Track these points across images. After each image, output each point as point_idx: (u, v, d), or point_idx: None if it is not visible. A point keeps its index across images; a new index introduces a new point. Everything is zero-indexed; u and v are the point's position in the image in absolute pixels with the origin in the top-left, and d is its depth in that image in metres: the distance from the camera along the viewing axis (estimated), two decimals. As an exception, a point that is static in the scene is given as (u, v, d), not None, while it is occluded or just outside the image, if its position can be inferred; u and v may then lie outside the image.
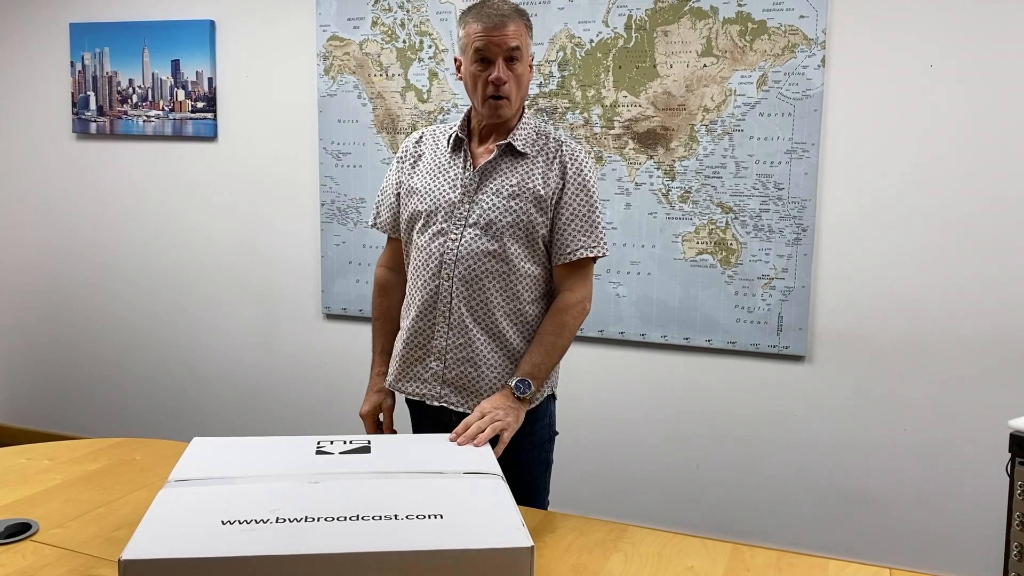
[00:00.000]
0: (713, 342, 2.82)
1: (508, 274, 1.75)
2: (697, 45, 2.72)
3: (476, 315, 1.75)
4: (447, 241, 1.75)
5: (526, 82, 1.76)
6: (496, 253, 1.73)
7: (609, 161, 2.86)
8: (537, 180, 1.75)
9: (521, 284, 1.76)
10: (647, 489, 2.98)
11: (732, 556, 1.47)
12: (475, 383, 1.77)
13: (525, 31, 1.73)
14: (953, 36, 2.50)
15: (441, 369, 1.78)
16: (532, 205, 1.74)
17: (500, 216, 1.73)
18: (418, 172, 1.84)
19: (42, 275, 3.83)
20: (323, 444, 1.49)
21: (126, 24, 3.49)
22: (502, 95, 1.70)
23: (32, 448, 1.96)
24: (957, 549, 2.66)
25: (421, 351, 1.80)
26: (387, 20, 3.09)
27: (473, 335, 1.76)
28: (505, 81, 1.69)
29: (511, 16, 1.70)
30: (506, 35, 1.68)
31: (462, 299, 1.75)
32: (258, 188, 3.40)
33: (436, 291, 1.76)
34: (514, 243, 1.73)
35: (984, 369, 2.58)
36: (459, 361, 1.77)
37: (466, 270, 1.74)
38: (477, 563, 1.09)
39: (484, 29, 1.68)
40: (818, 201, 2.67)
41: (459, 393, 1.78)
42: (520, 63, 1.71)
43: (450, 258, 1.74)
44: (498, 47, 1.68)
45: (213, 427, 3.55)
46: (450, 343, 1.77)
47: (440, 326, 1.77)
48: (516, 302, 1.77)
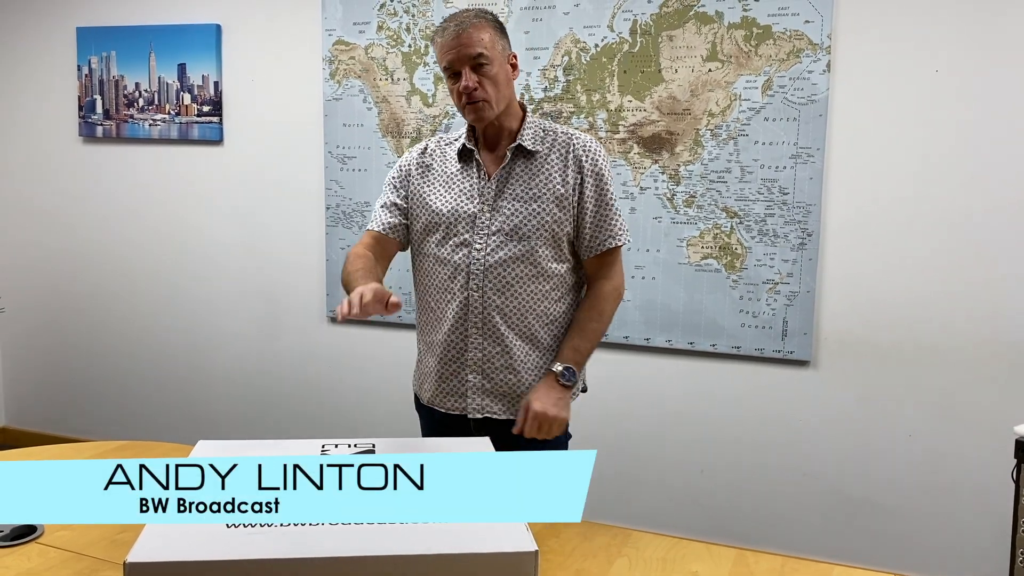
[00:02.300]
0: (718, 347, 2.82)
1: (537, 276, 1.76)
2: (702, 50, 2.72)
3: (510, 321, 1.76)
4: (472, 252, 1.75)
5: (504, 80, 1.74)
6: (524, 257, 1.74)
7: (614, 166, 2.86)
8: (555, 179, 1.75)
9: (549, 284, 1.78)
10: (651, 493, 2.97)
11: (736, 561, 1.47)
12: (515, 388, 1.79)
13: (490, 32, 1.72)
14: (958, 41, 2.50)
15: (480, 380, 1.79)
16: (554, 205, 1.75)
17: (525, 220, 1.74)
18: (429, 184, 1.82)
19: (48, 278, 3.84)
20: (328, 447, 1.49)
21: (133, 28, 3.50)
22: (476, 99, 1.71)
23: (38, 451, 1.96)
24: (962, 555, 2.65)
25: (455, 365, 1.80)
26: (392, 24, 3.09)
27: (509, 342, 1.77)
28: (475, 88, 1.69)
29: (469, 23, 1.70)
30: (465, 43, 1.69)
31: (495, 308, 1.76)
32: (263, 192, 3.41)
33: (466, 303, 1.76)
34: (541, 245, 1.75)
35: (989, 374, 2.57)
36: (498, 369, 1.78)
37: (496, 278, 1.75)
38: (481, 567, 1.09)
39: (445, 44, 1.71)
40: (823, 206, 2.66)
41: (501, 401, 1.80)
42: (490, 66, 1.70)
43: (478, 268, 1.75)
44: (461, 58, 1.69)
45: (218, 430, 3.55)
46: (487, 353, 1.78)
47: (474, 337, 1.77)
48: (545, 302, 1.79)
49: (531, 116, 1.82)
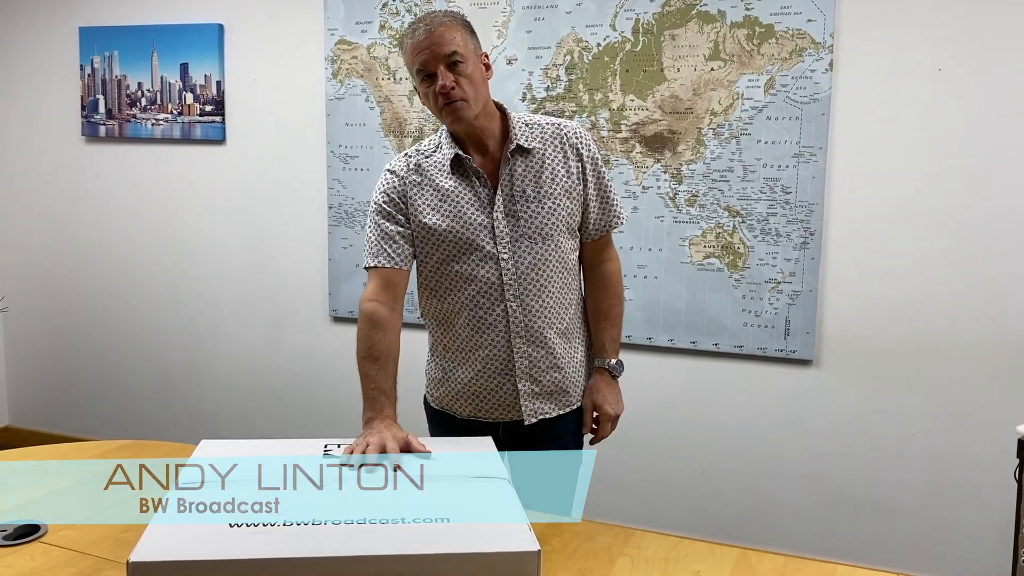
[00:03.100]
0: (720, 346, 2.81)
1: (562, 269, 1.77)
2: (704, 49, 2.72)
3: (550, 321, 1.76)
4: (500, 263, 1.71)
5: (480, 80, 1.69)
6: (552, 255, 1.74)
7: (616, 164, 2.86)
8: (560, 172, 1.74)
9: (571, 273, 1.81)
10: (653, 493, 2.97)
11: (739, 561, 1.46)
12: (561, 384, 1.81)
13: (461, 31, 1.67)
14: (961, 40, 2.50)
15: (531, 386, 1.78)
16: (565, 198, 1.74)
17: (545, 220, 1.73)
18: (427, 200, 1.73)
19: (50, 277, 3.84)
20: (330, 447, 1.49)
21: (135, 28, 3.50)
22: (454, 99, 1.65)
23: (41, 450, 1.97)
24: (965, 554, 2.64)
25: (501, 377, 1.77)
26: (395, 24, 3.09)
27: (552, 342, 1.77)
28: (452, 86, 1.64)
29: (439, 23, 1.65)
30: (437, 43, 1.64)
31: (535, 312, 1.74)
32: (266, 191, 3.41)
33: (505, 314, 1.73)
34: (562, 239, 1.75)
35: (992, 374, 2.57)
36: (544, 371, 1.78)
37: (531, 283, 1.73)
38: (484, 567, 1.09)
39: (417, 45, 1.65)
40: (826, 205, 2.66)
41: (550, 400, 1.81)
42: (465, 65, 1.65)
43: (511, 277, 1.72)
44: (435, 58, 1.64)
45: (221, 429, 3.56)
46: (534, 360, 1.77)
47: (519, 345, 1.75)
48: (570, 292, 1.81)
49: (512, 112, 1.77)
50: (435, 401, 1.89)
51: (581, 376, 1.86)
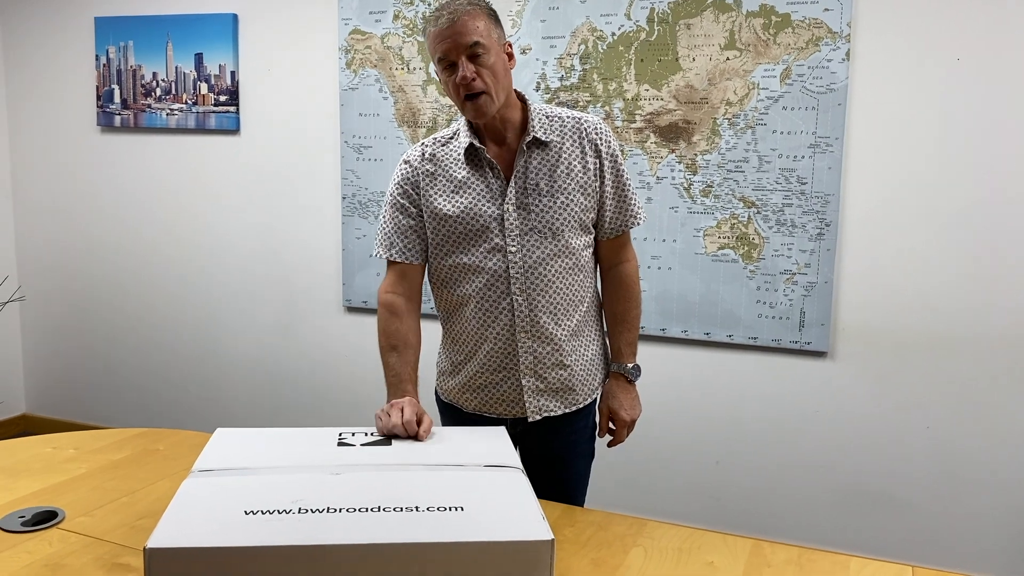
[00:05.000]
0: (734, 337, 2.80)
1: (573, 267, 1.74)
2: (720, 38, 2.70)
3: (557, 317, 1.73)
4: (508, 255, 1.69)
5: (502, 70, 1.66)
6: (561, 251, 1.71)
7: (630, 155, 2.85)
8: (576, 167, 1.71)
9: (583, 271, 1.77)
10: (667, 484, 2.97)
11: (752, 552, 1.46)
12: (567, 382, 1.78)
13: (485, 20, 1.63)
14: (979, 30, 2.47)
15: (535, 383, 1.75)
16: (580, 194, 1.71)
17: (557, 215, 1.70)
18: (440, 190, 1.72)
19: (67, 267, 3.87)
20: (344, 436, 1.50)
21: (150, 18, 3.51)
22: (476, 91, 1.62)
23: (58, 437, 1.98)
24: (981, 547, 2.63)
25: (505, 372, 1.75)
26: (409, 14, 3.09)
27: (558, 338, 1.74)
28: (473, 78, 1.61)
29: (462, 12, 1.61)
30: (460, 32, 1.60)
31: (542, 308, 1.72)
32: (280, 181, 3.42)
33: (511, 308, 1.71)
34: (573, 235, 1.72)
35: (1008, 366, 2.55)
36: (550, 368, 1.75)
37: (538, 278, 1.70)
38: (497, 556, 1.10)
39: (438, 34, 1.62)
40: (841, 196, 2.64)
41: (555, 398, 1.78)
42: (487, 55, 1.62)
43: (517, 271, 1.70)
44: (456, 48, 1.61)
45: (235, 418, 3.58)
46: (537, 355, 1.74)
47: (523, 341, 1.72)
48: (581, 290, 1.77)
49: (533, 103, 1.75)
50: (444, 394, 1.89)
51: (592, 375, 1.82)
